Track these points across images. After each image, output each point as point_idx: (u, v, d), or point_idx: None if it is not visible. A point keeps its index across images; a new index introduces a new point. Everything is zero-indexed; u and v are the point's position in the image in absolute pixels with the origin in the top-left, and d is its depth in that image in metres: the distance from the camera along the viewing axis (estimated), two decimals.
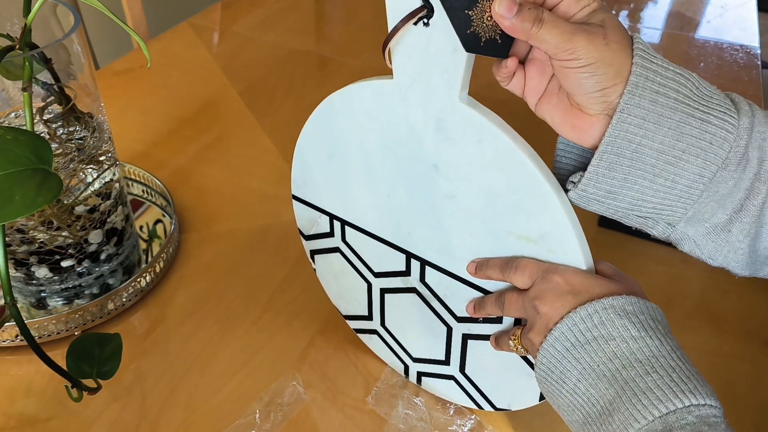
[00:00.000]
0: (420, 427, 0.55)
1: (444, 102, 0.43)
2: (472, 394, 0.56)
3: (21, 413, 0.57)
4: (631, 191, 0.41)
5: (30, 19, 0.51)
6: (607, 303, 0.40)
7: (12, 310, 0.45)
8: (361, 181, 0.52)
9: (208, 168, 0.88)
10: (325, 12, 1.41)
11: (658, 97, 0.38)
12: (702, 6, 1.47)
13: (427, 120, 0.45)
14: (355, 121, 0.50)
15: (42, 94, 0.59)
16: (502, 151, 0.42)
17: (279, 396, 0.58)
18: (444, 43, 0.41)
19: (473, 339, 0.52)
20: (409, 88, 0.45)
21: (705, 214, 0.41)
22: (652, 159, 0.39)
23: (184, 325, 0.66)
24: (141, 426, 0.57)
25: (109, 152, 0.65)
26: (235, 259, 0.74)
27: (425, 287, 0.53)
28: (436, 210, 0.48)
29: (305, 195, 0.58)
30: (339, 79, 1.11)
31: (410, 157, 0.48)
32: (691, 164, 0.39)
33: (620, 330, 0.39)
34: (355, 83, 0.48)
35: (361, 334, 0.63)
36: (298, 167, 0.57)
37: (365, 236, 0.55)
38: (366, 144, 0.50)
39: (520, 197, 0.43)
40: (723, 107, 0.39)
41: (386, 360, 0.62)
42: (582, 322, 0.40)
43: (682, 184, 0.40)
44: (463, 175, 0.45)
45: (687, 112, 0.39)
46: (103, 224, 0.66)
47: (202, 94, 1.06)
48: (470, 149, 0.44)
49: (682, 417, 0.36)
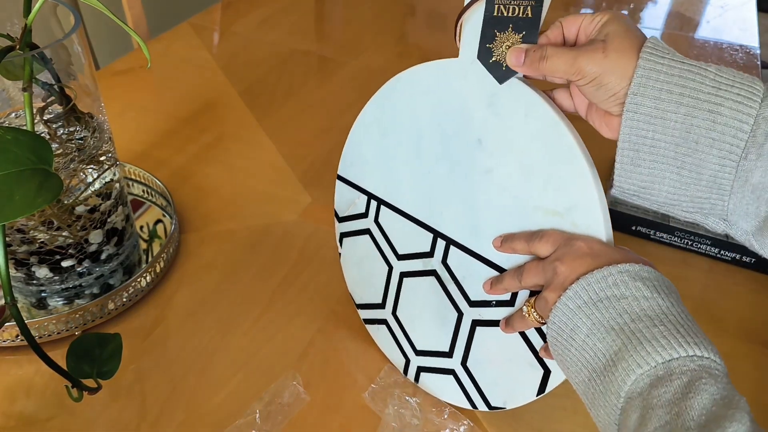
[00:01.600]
0: (413, 424, 0.56)
1: (501, 78, 0.48)
2: (469, 391, 0.56)
3: (21, 413, 0.57)
4: (663, 185, 0.43)
5: (30, 19, 0.51)
6: (623, 268, 0.41)
7: (12, 310, 0.45)
8: (406, 159, 0.56)
9: (208, 168, 0.88)
10: (325, 12, 1.41)
11: (661, 94, 0.41)
12: (702, 6, 1.47)
13: (481, 96, 0.50)
14: (413, 98, 0.54)
15: (42, 94, 0.59)
16: (547, 124, 0.46)
17: (279, 396, 0.58)
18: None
19: (482, 326, 0.53)
20: (471, 65, 0.50)
21: (748, 207, 0.41)
22: (670, 153, 0.42)
23: (185, 325, 0.66)
24: (141, 426, 0.57)
25: (109, 152, 0.65)
26: (235, 259, 0.74)
27: (445, 269, 0.55)
28: (473, 186, 0.51)
29: (350, 175, 0.62)
30: (339, 79, 1.11)
31: (456, 132, 0.52)
32: (708, 155, 0.41)
33: (633, 290, 0.40)
34: (423, 64, 0.54)
35: (370, 324, 0.63)
36: (350, 147, 0.61)
37: (397, 216, 0.58)
38: (419, 120, 0.54)
39: (556, 169, 0.46)
40: (744, 95, 0.40)
41: (389, 355, 0.62)
42: (597, 283, 0.41)
43: (707, 175, 0.41)
44: (504, 149, 0.49)
45: (692, 105, 0.40)
46: (104, 224, 0.66)
47: (203, 94, 1.06)
48: (517, 123, 0.48)
49: (683, 364, 0.37)
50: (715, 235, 0.75)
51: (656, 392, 0.36)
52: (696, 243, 0.76)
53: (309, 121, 1.00)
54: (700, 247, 0.76)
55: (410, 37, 1.30)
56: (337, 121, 1.00)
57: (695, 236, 0.75)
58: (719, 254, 0.75)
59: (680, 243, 0.77)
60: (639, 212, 0.78)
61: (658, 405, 0.36)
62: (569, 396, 0.60)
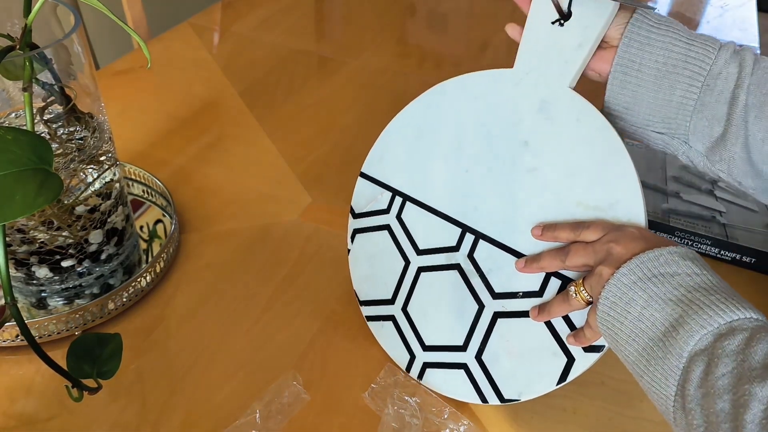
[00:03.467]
0: (413, 424, 0.56)
1: (554, 87, 0.55)
2: (480, 385, 0.56)
3: (21, 413, 0.57)
4: (642, 106, 0.52)
5: (30, 19, 0.51)
6: (673, 249, 0.45)
7: (12, 310, 0.45)
8: (444, 157, 0.60)
9: (208, 168, 0.88)
10: (325, 12, 1.41)
11: (652, 28, 0.51)
12: (701, 6, 1.47)
13: (533, 102, 0.56)
14: (459, 102, 0.60)
15: (42, 94, 0.59)
16: (598, 128, 0.52)
17: (279, 396, 0.58)
18: (572, 40, 0.54)
19: (504, 317, 0.56)
20: (525, 76, 0.56)
21: (704, 128, 0.50)
22: (651, 76, 0.51)
23: (185, 325, 0.66)
24: (141, 426, 0.57)
25: (109, 152, 0.65)
26: (235, 259, 0.74)
27: (470, 262, 0.58)
28: (514, 183, 0.56)
29: (375, 172, 0.64)
30: (339, 79, 1.11)
31: (503, 134, 0.57)
32: (680, 76, 0.50)
33: (684, 268, 0.44)
34: (473, 73, 0.59)
35: (373, 321, 0.63)
36: (379, 146, 0.65)
37: (424, 212, 0.61)
38: (463, 123, 0.59)
39: (603, 169, 0.52)
40: (710, 40, 0.50)
41: (390, 352, 0.62)
42: (650, 261, 0.45)
43: (677, 96, 0.50)
44: (551, 150, 0.54)
45: (675, 36, 0.50)
46: (104, 224, 0.66)
47: (203, 94, 1.06)
48: (568, 127, 0.54)
49: (743, 324, 0.40)
50: (715, 235, 0.75)
51: (720, 344, 0.39)
52: (696, 243, 0.76)
53: (309, 121, 1.00)
54: (700, 247, 0.76)
55: (410, 37, 1.30)
56: (337, 121, 1.00)
57: (695, 236, 0.76)
58: (719, 254, 0.75)
59: (681, 243, 0.77)
60: None
61: (724, 354, 0.39)
62: (569, 396, 0.60)
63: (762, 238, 0.75)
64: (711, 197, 0.81)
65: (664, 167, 0.86)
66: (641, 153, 0.88)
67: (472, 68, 0.76)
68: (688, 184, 0.83)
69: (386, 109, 1.03)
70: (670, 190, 0.82)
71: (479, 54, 1.22)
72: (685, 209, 0.79)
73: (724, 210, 0.79)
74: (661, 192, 0.82)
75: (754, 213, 0.79)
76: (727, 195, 0.82)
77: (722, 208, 0.79)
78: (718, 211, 0.79)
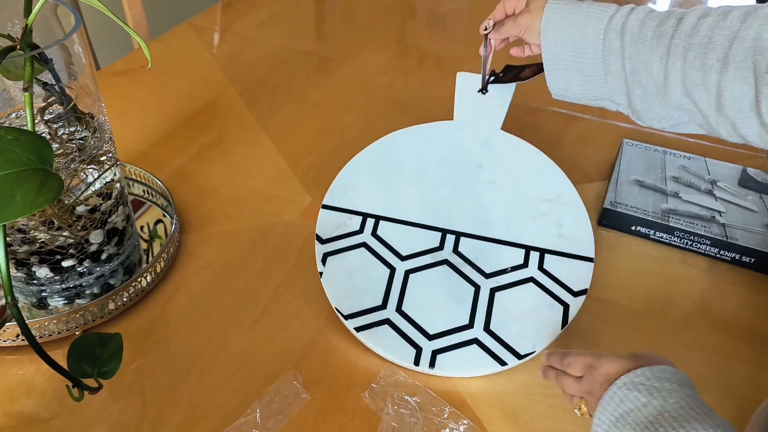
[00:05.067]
0: (413, 424, 0.56)
1: (490, 131, 0.73)
2: (496, 351, 0.61)
3: (22, 413, 0.58)
4: (573, 85, 0.63)
5: (31, 19, 0.52)
6: (621, 382, 0.47)
7: (13, 309, 0.45)
8: (410, 182, 0.72)
9: (208, 168, 0.88)
10: (325, 12, 1.41)
11: (560, 23, 0.61)
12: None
13: (476, 140, 0.73)
14: (416, 144, 0.74)
15: (43, 94, 0.60)
16: (530, 152, 0.72)
17: (279, 395, 0.58)
18: (494, 102, 0.75)
19: (500, 290, 0.65)
20: (465, 125, 0.74)
21: (619, 87, 0.60)
22: (572, 60, 0.61)
23: (185, 325, 0.66)
24: (142, 425, 0.57)
25: (109, 152, 0.65)
26: (236, 259, 0.74)
27: (457, 256, 0.67)
28: (477, 193, 0.70)
29: (340, 203, 0.71)
30: (339, 79, 1.12)
31: (459, 161, 0.72)
32: (592, 52, 0.60)
33: (633, 401, 0.46)
34: (420, 125, 0.75)
35: (365, 330, 0.63)
36: (340, 180, 0.72)
37: (400, 226, 0.69)
38: (422, 155, 0.73)
39: (543, 174, 0.70)
40: (601, 16, 0.60)
41: (392, 354, 0.62)
42: (609, 404, 0.47)
43: (590, 69, 0.61)
44: (501, 168, 0.71)
45: (582, 23, 0.60)
46: (104, 224, 0.66)
47: (203, 94, 1.06)
48: (509, 153, 0.72)
49: None
50: (715, 235, 0.75)
51: None
52: (696, 243, 0.76)
53: (309, 121, 1.00)
54: (699, 247, 0.76)
55: (410, 37, 1.30)
56: (337, 121, 1.00)
57: (695, 236, 0.76)
58: (719, 254, 0.75)
59: (680, 243, 0.77)
60: (639, 212, 0.78)
61: None
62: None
63: (761, 238, 0.75)
64: (710, 197, 0.81)
65: (663, 167, 0.86)
66: (641, 154, 0.88)
67: (472, 68, 0.76)
68: (687, 184, 0.83)
69: (386, 109, 1.03)
70: (669, 190, 0.82)
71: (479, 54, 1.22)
72: (685, 209, 0.79)
73: (723, 210, 0.79)
74: (661, 192, 0.82)
75: (754, 213, 0.79)
76: (727, 195, 0.82)
77: (722, 208, 0.79)
78: (718, 211, 0.79)
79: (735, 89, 0.52)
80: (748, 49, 0.51)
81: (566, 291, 0.64)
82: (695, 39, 0.54)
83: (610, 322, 0.68)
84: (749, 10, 0.53)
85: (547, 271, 0.65)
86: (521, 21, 0.65)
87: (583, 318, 0.67)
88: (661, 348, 0.65)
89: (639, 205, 0.79)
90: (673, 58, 0.55)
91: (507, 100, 0.75)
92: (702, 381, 0.54)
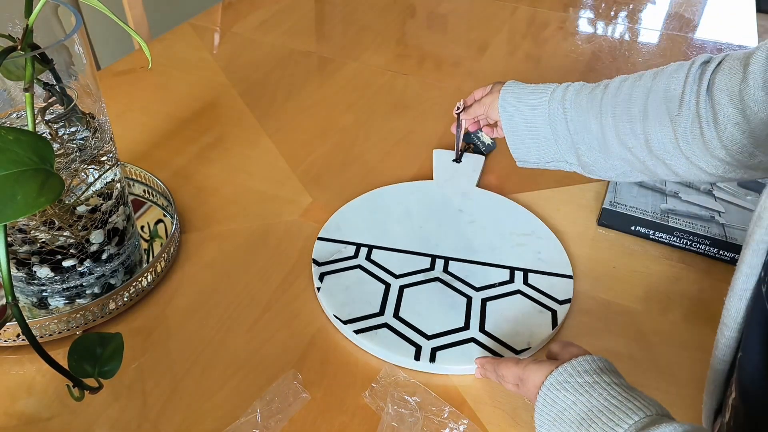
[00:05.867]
0: (413, 424, 0.56)
1: (466, 188, 0.85)
2: (492, 348, 0.63)
3: (22, 412, 0.58)
4: (531, 154, 0.73)
5: (32, 20, 0.52)
6: (551, 381, 0.51)
7: (14, 309, 0.45)
8: (398, 221, 0.79)
9: (208, 168, 0.89)
10: (325, 12, 1.41)
11: (518, 104, 0.72)
12: (701, 7, 1.48)
13: (455, 193, 0.84)
14: (400, 195, 0.83)
15: (43, 94, 0.60)
16: (503, 202, 0.83)
17: (279, 395, 0.58)
18: (468, 167, 0.89)
19: (492, 300, 0.68)
20: (444, 183, 0.85)
21: (566, 147, 0.70)
22: (527, 134, 0.72)
23: (185, 325, 0.66)
24: (142, 425, 0.57)
25: (110, 152, 0.65)
26: (236, 258, 0.74)
27: (448, 275, 0.71)
28: (460, 229, 0.78)
29: (334, 236, 0.76)
30: (339, 79, 1.12)
31: (441, 207, 0.81)
32: (540, 124, 0.71)
33: (564, 400, 0.50)
34: (402, 183, 0.85)
35: (364, 333, 0.64)
36: (335, 219, 0.78)
37: (391, 252, 0.74)
38: (408, 205, 0.81)
39: (516, 216, 0.80)
40: (552, 85, 0.71)
41: (392, 354, 0.62)
42: (544, 405, 0.51)
43: (542, 137, 0.71)
44: (480, 212, 0.81)
45: (531, 105, 0.71)
46: (105, 224, 0.66)
47: (203, 94, 1.06)
48: (485, 203, 0.82)
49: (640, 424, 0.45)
50: (714, 235, 0.75)
51: None
52: (695, 243, 0.76)
53: (309, 121, 1.00)
54: (699, 247, 0.76)
55: (410, 38, 1.30)
56: (337, 121, 1.00)
57: (694, 236, 0.76)
58: (718, 254, 0.76)
59: (679, 243, 0.77)
60: (638, 212, 0.78)
61: None
62: None
63: None
64: (710, 197, 0.81)
65: None
66: None
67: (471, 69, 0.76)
68: (686, 184, 0.83)
69: (386, 110, 1.04)
70: (669, 190, 0.82)
71: (479, 55, 1.22)
72: (684, 209, 0.79)
73: (723, 210, 0.79)
74: (660, 192, 0.82)
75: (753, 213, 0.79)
76: (726, 195, 0.82)
77: (721, 209, 0.79)
78: (717, 211, 0.79)
79: (657, 132, 0.62)
80: (661, 99, 0.62)
81: (552, 300, 0.69)
82: (619, 97, 0.65)
83: (610, 321, 0.68)
84: (658, 70, 0.64)
85: (532, 285, 0.70)
86: (485, 100, 0.77)
87: (582, 318, 0.67)
88: (660, 348, 0.65)
89: (638, 205, 0.79)
90: (605, 115, 0.66)
91: (479, 165, 0.88)
92: (702, 381, 0.54)
